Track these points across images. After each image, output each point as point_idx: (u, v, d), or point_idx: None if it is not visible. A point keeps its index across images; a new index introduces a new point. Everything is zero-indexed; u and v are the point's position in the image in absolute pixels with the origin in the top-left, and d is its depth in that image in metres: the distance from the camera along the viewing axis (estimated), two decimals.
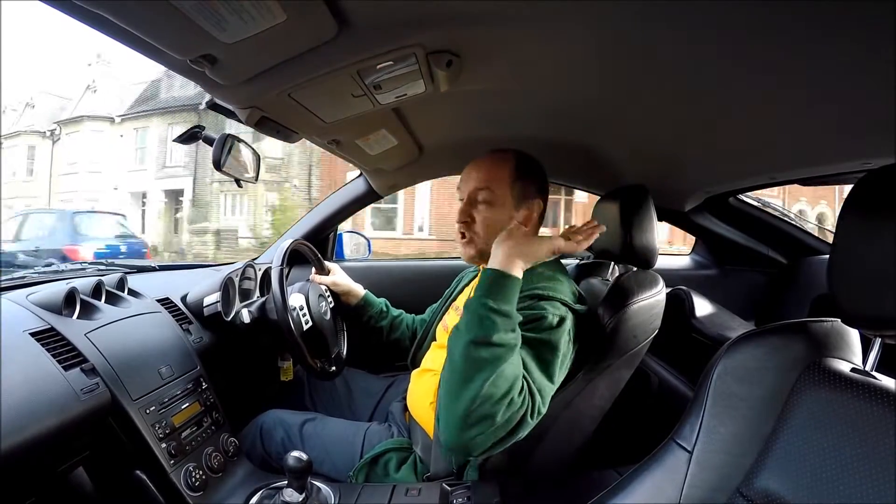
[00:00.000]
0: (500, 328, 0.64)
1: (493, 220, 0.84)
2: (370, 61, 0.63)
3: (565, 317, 0.73)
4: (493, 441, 0.63)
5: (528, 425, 0.66)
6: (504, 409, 0.62)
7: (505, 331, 0.64)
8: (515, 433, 0.65)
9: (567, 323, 0.73)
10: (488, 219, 0.84)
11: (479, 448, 0.64)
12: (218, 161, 0.90)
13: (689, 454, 0.53)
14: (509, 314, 0.66)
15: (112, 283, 0.94)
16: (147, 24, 0.49)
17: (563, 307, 0.75)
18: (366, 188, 1.44)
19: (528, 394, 0.65)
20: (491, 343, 0.63)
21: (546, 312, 0.72)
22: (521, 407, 0.63)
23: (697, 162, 1.09)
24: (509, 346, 0.64)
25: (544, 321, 0.71)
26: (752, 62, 0.59)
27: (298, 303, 1.04)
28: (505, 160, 0.86)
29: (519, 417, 0.63)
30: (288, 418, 0.95)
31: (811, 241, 1.46)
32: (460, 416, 0.62)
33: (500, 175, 0.85)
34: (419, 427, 0.86)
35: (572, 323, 0.75)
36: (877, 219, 0.43)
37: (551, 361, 0.70)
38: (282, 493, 0.69)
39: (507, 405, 0.62)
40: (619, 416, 0.98)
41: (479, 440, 0.62)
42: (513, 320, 0.66)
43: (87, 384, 0.70)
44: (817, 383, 0.47)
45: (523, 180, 0.85)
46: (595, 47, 0.64)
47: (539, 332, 0.70)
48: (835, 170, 0.91)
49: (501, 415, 0.61)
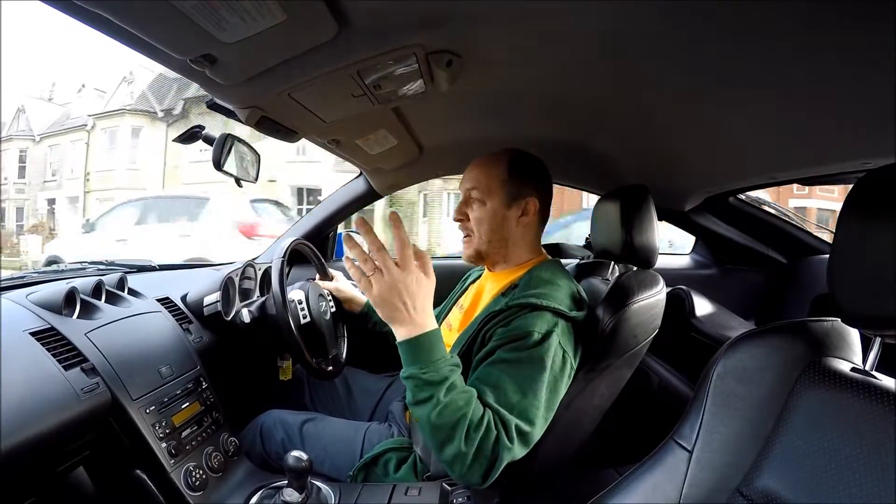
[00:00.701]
0: (418, 389, 0.64)
1: (484, 217, 0.84)
2: (370, 61, 0.63)
3: (552, 330, 0.71)
4: (481, 470, 0.64)
5: (508, 447, 0.64)
6: (464, 444, 0.62)
7: (420, 389, 0.63)
8: (498, 459, 0.64)
9: (555, 337, 0.71)
10: (479, 217, 0.85)
11: (473, 479, 0.65)
12: (218, 161, 0.90)
13: (688, 454, 0.53)
14: (414, 376, 0.64)
15: (112, 283, 0.94)
16: (147, 24, 0.49)
17: (554, 318, 0.73)
18: (366, 188, 1.44)
19: (492, 419, 0.64)
20: (417, 402, 0.64)
21: (531, 329, 0.70)
22: (488, 434, 0.63)
23: (697, 162, 1.09)
24: (429, 399, 0.63)
25: (528, 338, 0.70)
26: (752, 62, 0.59)
27: (297, 297, 1.04)
28: (499, 158, 0.86)
29: (492, 443, 0.63)
30: (288, 418, 0.95)
31: (811, 241, 1.46)
32: (440, 459, 0.65)
33: (493, 173, 0.85)
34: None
35: (565, 332, 0.74)
36: (877, 219, 0.43)
37: (535, 379, 0.68)
38: (282, 493, 0.69)
39: (466, 439, 0.62)
40: (619, 415, 0.98)
41: (467, 474, 0.64)
42: (421, 378, 0.63)
43: (87, 384, 0.70)
44: (817, 383, 0.47)
45: (516, 177, 0.85)
46: (595, 47, 0.64)
47: (521, 351, 0.70)
48: (835, 170, 0.91)
49: (466, 446, 0.62)
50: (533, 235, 0.88)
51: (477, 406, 0.64)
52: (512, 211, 0.85)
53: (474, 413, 0.63)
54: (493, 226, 0.84)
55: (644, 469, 0.55)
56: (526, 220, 0.85)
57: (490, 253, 0.87)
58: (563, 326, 0.74)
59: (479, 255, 0.88)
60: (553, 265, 0.85)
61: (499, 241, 0.85)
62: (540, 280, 0.79)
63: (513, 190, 0.84)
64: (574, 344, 0.76)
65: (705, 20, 0.52)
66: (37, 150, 16.31)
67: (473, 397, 0.65)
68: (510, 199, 0.84)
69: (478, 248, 0.87)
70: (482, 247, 0.86)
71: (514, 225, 0.85)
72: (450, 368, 0.65)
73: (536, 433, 0.69)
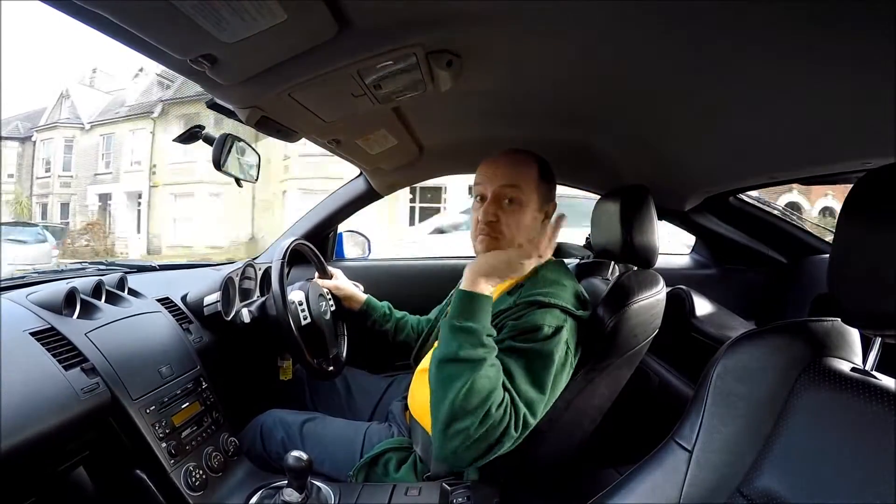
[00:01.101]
0: (466, 344, 0.65)
1: (522, 220, 0.81)
2: (370, 61, 0.63)
3: (562, 326, 0.73)
4: (475, 454, 0.64)
5: (512, 437, 0.65)
6: (478, 423, 0.62)
7: (472, 346, 0.65)
8: (498, 445, 0.65)
9: (564, 332, 0.72)
10: (518, 221, 0.81)
11: (463, 461, 0.65)
12: (218, 161, 0.90)
13: (688, 454, 0.53)
14: (473, 330, 0.66)
15: (112, 283, 0.94)
16: (147, 24, 0.49)
17: (563, 315, 0.74)
18: (366, 188, 1.44)
19: (509, 406, 0.65)
20: (457, 359, 0.65)
21: (542, 322, 0.71)
22: (501, 420, 0.64)
23: (697, 162, 1.09)
24: (477, 361, 0.64)
25: (539, 332, 0.71)
26: (752, 62, 0.59)
27: (298, 298, 1.04)
28: (530, 160, 0.84)
29: (500, 430, 0.64)
30: (288, 418, 0.95)
31: (811, 241, 1.46)
32: (440, 430, 0.65)
33: (528, 175, 0.82)
34: (419, 426, 0.86)
35: (572, 330, 0.75)
36: (877, 219, 0.43)
37: (543, 372, 0.69)
38: (282, 493, 0.70)
39: (482, 419, 0.63)
40: (619, 415, 0.98)
41: (460, 453, 0.64)
42: (478, 336, 0.66)
43: (87, 384, 0.70)
44: (817, 383, 0.47)
45: (547, 182, 0.85)
46: (595, 47, 0.64)
47: (532, 343, 0.71)
48: (835, 169, 0.91)
49: (476, 428, 0.62)
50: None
51: (499, 388, 0.65)
52: (540, 214, 0.85)
53: (497, 394, 0.64)
54: (524, 229, 0.81)
55: (644, 469, 0.55)
56: (544, 224, 0.84)
57: None
58: (570, 324, 0.75)
59: None
60: (558, 266, 0.85)
61: (528, 245, 0.78)
62: (546, 280, 0.79)
63: (546, 194, 0.85)
64: (578, 343, 0.77)
65: (705, 20, 0.52)
66: (86, 139, 14.52)
67: (501, 373, 0.66)
68: (542, 204, 0.84)
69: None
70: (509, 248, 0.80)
71: (539, 229, 0.83)
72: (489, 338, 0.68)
73: (532, 425, 0.70)
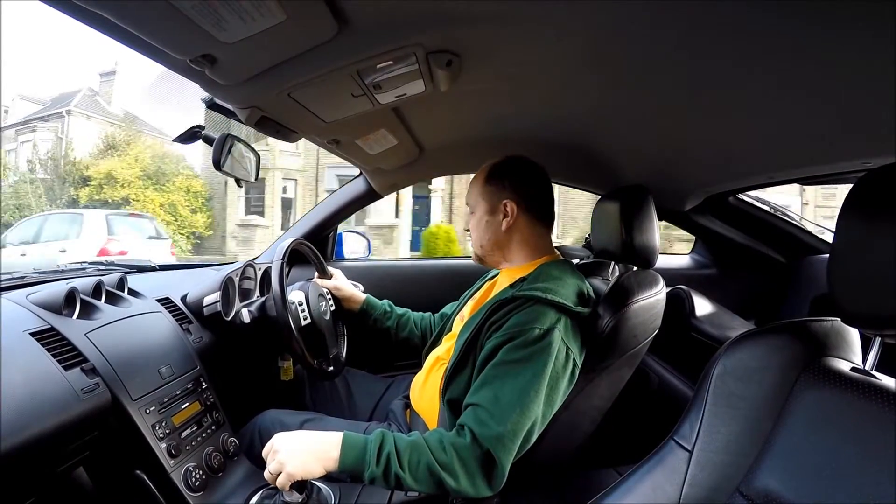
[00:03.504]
0: (387, 477, 0.65)
1: (473, 226, 0.92)
2: (370, 61, 0.63)
3: (554, 326, 0.73)
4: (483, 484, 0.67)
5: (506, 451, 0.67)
6: (450, 478, 0.65)
7: (381, 471, 0.65)
8: (498, 463, 0.67)
9: (556, 333, 0.72)
10: (472, 226, 0.93)
11: (484, 492, 0.68)
12: (218, 161, 0.90)
13: (688, 453, 0.53)
14: (366, 467, 0.65)
15: (112, 283, 0.94)
16: (147, 24, 0.49)
17: (557, 314, 0.74)
18: (366, 188, 1.44)
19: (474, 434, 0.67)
20: (396, 476, 0.65)
21: (533, 324, 0.72)
22: (458, 450, 0.67)
23: (697, 162, 1.09)
24: (392, 475, 0.65)
25: (530, 334, 0.71)
26: (752, 62, 0.59)
27: (298, 299, 1.04)
28: (483, 169, 0.92)
29: (476, 457, 0.67)
30: (286, 418, 0.94)
31: (811, 241, 1.46)
32: (456, 494, 0.68)
33: (476, 183, 0.91)
34: (421, 422, 0.87)
35: (567, 328, 0.75)
36: (877, 219, 0.43)
37: (529, 380, 0.70)
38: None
39: (448, 473, 0.65)
40: (619, 415, 0.98)
41: (479, 491, 0.68)
42: (371, 467, 0.65)
43: (87, 384, 0.70)
44: (817, 383, 0.47)
45: (492, 183, 0.89)
46: (595, 47, 0.64)
47: (523, 349, 0.71)
48: (835, 169, 0.91)
49: (454, 479, 0.66)
50: (529, 234, 0.88)
51: (433, 445, 0.67)
52: (496, 217, 0.88)
53: (435, 453, 0.66)
54: (480, 233, 0.90)
55: (644, 469, 0.55)
56: (510, 222, 0.87)
57: (485, 256, 0.93)
58: (566, 323, 0.75)
59: (479, 259, 0.94)
60: (563, 263, 0.86)
61: (490, 245, 0.90)
62: (548, 276, 0.80)
63: (491, 197, 0.88)
64: (579, 341, 0.77)
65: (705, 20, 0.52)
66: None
67: (422, 444, 0.67)
68: (491, 205, 0.88)
69: (475, 253, 0.94)
70: (478, 251, 0.93)
71: (500, 229, 0.88)
72: (378, 445, 0.67)
73: (535, 431, 0.71)
